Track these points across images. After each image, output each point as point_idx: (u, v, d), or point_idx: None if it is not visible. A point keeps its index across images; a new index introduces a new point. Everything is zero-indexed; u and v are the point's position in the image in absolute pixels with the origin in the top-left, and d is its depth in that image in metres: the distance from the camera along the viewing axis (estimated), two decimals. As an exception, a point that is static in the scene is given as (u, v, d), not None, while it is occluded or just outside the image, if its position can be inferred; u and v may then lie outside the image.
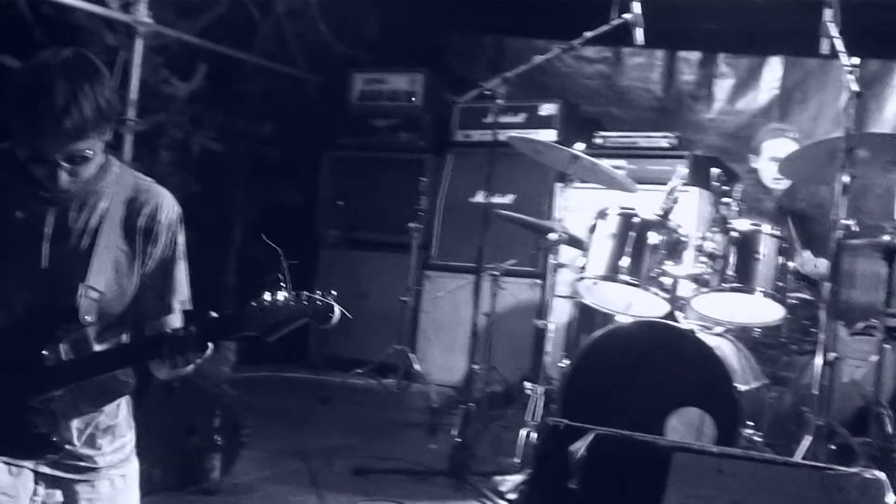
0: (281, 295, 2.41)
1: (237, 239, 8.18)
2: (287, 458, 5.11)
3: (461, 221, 7.44)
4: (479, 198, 7.26)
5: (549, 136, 7.12)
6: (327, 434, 5.80)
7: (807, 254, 5.47)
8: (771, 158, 5.80)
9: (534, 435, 4.68)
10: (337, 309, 2.42)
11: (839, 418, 4.96)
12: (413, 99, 8.12)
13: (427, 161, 7.91)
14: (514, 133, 5.80)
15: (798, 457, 4.12)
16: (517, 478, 4.59)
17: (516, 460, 4.74)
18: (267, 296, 2.41)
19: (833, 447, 4.52)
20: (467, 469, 4.81)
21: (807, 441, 4.24)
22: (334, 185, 8.23)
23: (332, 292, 2.43)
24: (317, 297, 2.41)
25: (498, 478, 4.71)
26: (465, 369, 5.94)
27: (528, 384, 4.99)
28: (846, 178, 4.32)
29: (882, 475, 2.87)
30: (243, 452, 4.64)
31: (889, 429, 4.62)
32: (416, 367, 6.88)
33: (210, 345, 2.46)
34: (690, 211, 6.22)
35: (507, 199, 7.25)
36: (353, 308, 2.46)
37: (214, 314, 2.46)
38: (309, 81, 8.52)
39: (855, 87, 4.29)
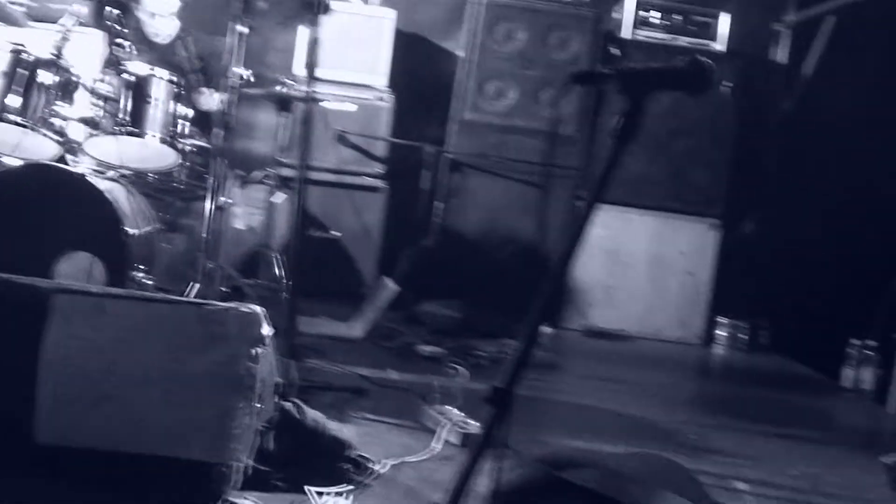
0: None
1: None
2: None
3: None
4: None
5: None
6: None
7: (207, 91, 5.52)
8: (151, 14, 5.66)
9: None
10: None
11: (233, 262, 5.19)
12: None
13: None
14: None
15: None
16: None
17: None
18: None
19: (225, 289, 4.71)
20: None
21: (198, 284, 4.35)
22: None
23: None
24: None
25: None
26: None
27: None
28: (243, 29, 4.39)
29: (259, 309, 3.01)
30: None
31: (277, 271, 4.89)
32: None
33: None
34: (88, 52, 6.02)
35: None
36: None
37: None
38: None
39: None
